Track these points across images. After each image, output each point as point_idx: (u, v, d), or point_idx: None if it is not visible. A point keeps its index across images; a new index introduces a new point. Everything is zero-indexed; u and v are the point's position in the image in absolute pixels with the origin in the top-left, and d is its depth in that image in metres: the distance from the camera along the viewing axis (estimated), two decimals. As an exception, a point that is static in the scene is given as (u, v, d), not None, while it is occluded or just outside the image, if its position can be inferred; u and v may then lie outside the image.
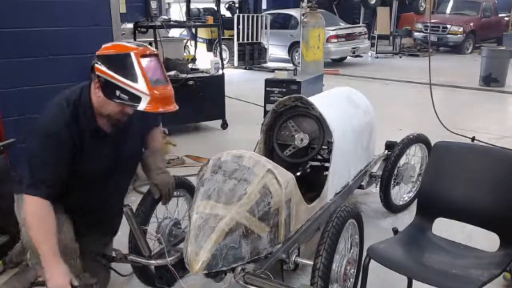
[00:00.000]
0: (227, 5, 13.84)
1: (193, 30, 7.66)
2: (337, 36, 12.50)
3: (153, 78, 1.98)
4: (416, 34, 16.11)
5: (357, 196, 4.14)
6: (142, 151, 2.45)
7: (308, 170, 3.38)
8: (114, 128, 2.19)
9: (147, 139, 2.48)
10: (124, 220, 2.43)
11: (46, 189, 2.02)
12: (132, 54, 1.96)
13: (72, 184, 2.13)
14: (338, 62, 13.32)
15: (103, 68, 1.96)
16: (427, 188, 2.53)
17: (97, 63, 1.98)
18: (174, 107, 2.11)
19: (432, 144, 2.67)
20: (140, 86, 1.93)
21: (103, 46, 2.07)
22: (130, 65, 1.94)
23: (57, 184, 2.06)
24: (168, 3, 13.12)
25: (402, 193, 3.98)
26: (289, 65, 10.18)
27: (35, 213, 2.00)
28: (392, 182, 3.75)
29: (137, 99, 1.94)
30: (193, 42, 8.36)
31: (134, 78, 1.93)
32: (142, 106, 1.95)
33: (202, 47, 13.65)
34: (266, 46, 12.78)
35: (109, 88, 1.96)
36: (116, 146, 2.22)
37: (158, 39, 5.88)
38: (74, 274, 2.05)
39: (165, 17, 7.65)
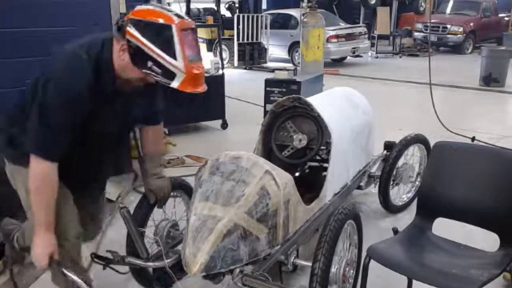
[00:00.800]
0: (227, 5, 13.82)
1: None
2: (337, 36, 12.50)
3: (189, 54, 1.80)
4: (416, 34, 16.11)
5: (356, 196, 4.13)
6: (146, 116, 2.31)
7: (307, 171, 3.37)
8: (129, 91, 2.03)
9: (145, 138, 2.39)
10: (121, 221, 2.42)
11: (58, 153, 1.90)
12: (173, 27, 1.77)
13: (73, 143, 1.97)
14: (338, 62, 13.31)
15: (137, 34, 1.77)
16: (427, 188, 2.52)
17: (129, 26, 1.78)
18: (203, 88, 1.93)
19: (432, 144, 2.66)
20: (178, 63, 1.77)
21: (137, 8, 1.86)
22: (170, 38, 1.76)
23: (66, 146, 1.92)
24: (168, 3, 13.12)
25: (401, 193, 3.97)
26: (289, 65, 10.17)
27: (43, 178, 1.89)
28: (391, 182, 3.74)
29: (172, 75, 1.79)
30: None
31: (172, 53, 1.77)
32: (175, 84, 1.80)
33: (202, 47, 13.64)
34: (266, 46, 12.78)
35: (140, 57, 1.79)
36: (126, 109, 2.09)
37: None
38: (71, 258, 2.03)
39: (165, 17, 7.66)
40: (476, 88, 9.44)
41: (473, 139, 5.68)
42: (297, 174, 3.21)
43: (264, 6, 15.81)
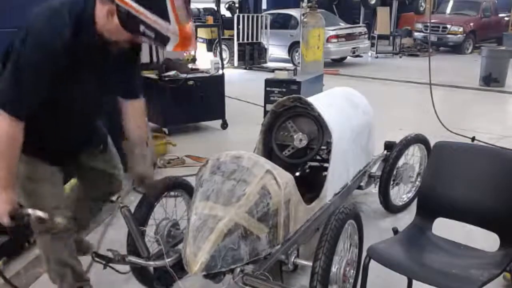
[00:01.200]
0: (227, 5, 13.82)
1: (193, 30, 7.66)
2: (337, 36, 12.50)
3: (181, 16, 1.75)
4: (416, 34, 16.11)
5: (356, 196, 4.13)
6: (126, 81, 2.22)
7: (307, 171, 3.37)
8: (109, 53, 1.96)
9: (126, 115, 2.27)
10: (122, 220, 2.43)
11: (26, 110, 1.84)
12: None
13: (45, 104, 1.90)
14: (338, 62, 13.31)
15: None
16: (427, 188, 2.53)
17: None
18: (194, 47, 1.90)
19: (432, 144, 2.66)
20: (171, 27, 1.73)
21: None
22: (162, 2, 1.72)
23: (36, 105, 1.86)
24: (168, 3, 13.10)
25: (401, 193, 3.97)
26: (289, 65, 10.17)
27: (8, 134, 1.82)
28: (391, 182, 3.74)
29: (166, 39, 1.75)
30: (193, 42, 8.35)
31: (165, 16, 1.72)
32: (170, 47, 1.78)
33: (202, 47, 13.64)
34: (266, 46, 12.77)
35: (131, 22, 1.73)
36: (102, 74, 2.02)
37: (157, 39, 5.86)
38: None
39: (165, 17, 7.64)
40: (476, 88, 9.44)
41: (473, 139, 5.69)
42: (297, 173, 3.21)
43: (264, 6, 15.81)
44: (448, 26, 15.19)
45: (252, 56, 12.51)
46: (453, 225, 2.58)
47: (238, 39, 12.14)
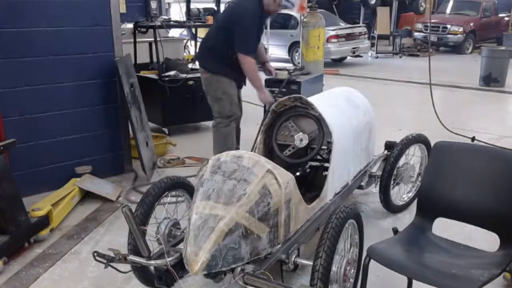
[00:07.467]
0: (227, 5, 13.79)
1: (193, 30, 7.65)
2: (337, 36, 12.50)
3: None
4: (416, 34, 16.11)
5: (357, 196, 4.14)
6: None
7: (308, 170, 3.38)
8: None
9: (259, 51, 4.48)
10: (123, 220, 2.43)
11: (255, 50, 4.22)
12: None
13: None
14: (338, 62, 13.31)
15: None
16: (427, 188, 2.53)
17: None
18: (305, 11, 5.57)
19: (432, 144, 2.66)
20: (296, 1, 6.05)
21: None
22: None
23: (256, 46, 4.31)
24: (168, 3, 13.09)
25: (401, 193, 3.97)
26: (289, 65, 10.17)
27: (252, 66, 4.07)
28: (392, 182, 3.74)
29: (292, 4, 6.21)
30: (193, 42, 8.36)
31: None
32: (294, 8, 5.98)
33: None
34: (266, 46, 12.75)
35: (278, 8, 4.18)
36: (262, 28, 4.40)
37: (158, 39, 5.88)
38: None
39: (165, 17, 7.64)
40: (476, 88, 9.44)
41: (473, 139, 5.69)
42: (298, 173, 3.22)
43: (264, 6, 15.78)
44: (448, 26, 15.19)
45: (252, 56, 12.48)
46: (453, 225, 2.59)
47: (238, 39, 12.11)
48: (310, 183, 3.34)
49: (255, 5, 3.97)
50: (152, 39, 6.05)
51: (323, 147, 3.24)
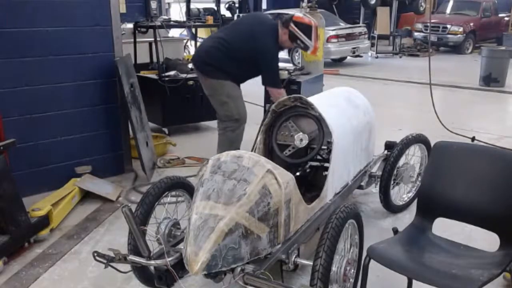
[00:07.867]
0: (227, 5, 13.81)
1: (193, 30, 7.66)
2: (337, 36, 12.49)
3: (315, 39, 4.07)
4: (416, 34, 16.11)
5: (357, 196, 4.14)
6: None
7: (308, 170, 3.38)
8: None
9: None
10: (123, 220, 2.43)
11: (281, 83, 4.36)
12: (313, 26, 4.04)
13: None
14: (338, 62, 13.30)
15: (295, 28, 4.01)
16: (427, 188, 2.53)
17: (291, 23, 4.01)
18: (315, 54, 4.93)
19: (432, 144, 2.66)
20: (312, 43, 4.08)
21: (296, 15, 4.12)
22: (310, 31, 4.03)
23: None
24: (168, 3, 13.12)
25: (401, 193, 3.97)
26: (289, 65, 10.14)
27: (281, 94, 4.02)
28: (392, 182, 3.74)
29: (307, 47, 4.13)
30: (193, 42, 8.36)
31: (310, 38, 4.04)
32: (309, 51, 4.19)
33: (202, 47, 13.60)
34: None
35: (294, 38, 4.06)
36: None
37: (158, 39, 5.88)
38: None
39: (165, 17, 7.65)
40: (476, 88, 9.44)
41: (473, 139, 5.69)
42: (298, 173, 3.22)
43: (264, 6, 15.81)
44: (448, 26, 15.19)
45: (252, 56, 12.46)
46: (453, 225, 2.59)
47: (238, 39, 12.10)
48: (310, 183, 3.34)
49: (273, 41, 4.08)
50: (152, 39, 6.05)
51: (323, 147, 3.24)
